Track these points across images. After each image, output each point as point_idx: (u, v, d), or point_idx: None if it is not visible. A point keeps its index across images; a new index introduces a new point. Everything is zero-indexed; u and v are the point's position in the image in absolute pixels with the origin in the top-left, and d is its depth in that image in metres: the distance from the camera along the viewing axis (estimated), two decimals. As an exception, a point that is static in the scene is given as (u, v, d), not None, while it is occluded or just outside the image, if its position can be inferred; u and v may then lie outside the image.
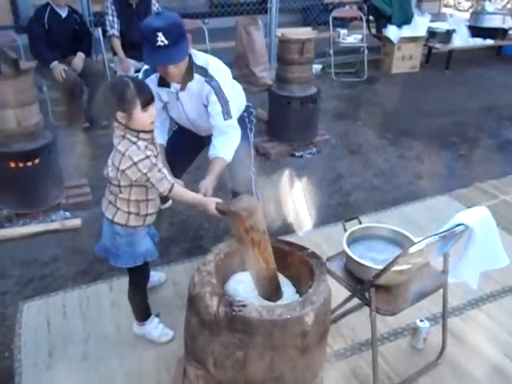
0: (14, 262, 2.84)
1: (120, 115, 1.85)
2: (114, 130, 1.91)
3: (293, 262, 2.07)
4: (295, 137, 4.21)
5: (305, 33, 4.03)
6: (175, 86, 2.35)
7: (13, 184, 3.08)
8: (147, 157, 1.87)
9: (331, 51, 6.24)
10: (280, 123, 4.22)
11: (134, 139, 1.88)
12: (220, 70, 2.35)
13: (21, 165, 3.02)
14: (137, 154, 1.85)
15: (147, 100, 1.87)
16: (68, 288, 2.65)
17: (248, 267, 1.91)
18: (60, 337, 2.32)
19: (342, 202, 3.54)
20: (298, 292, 1.99)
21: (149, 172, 1.88)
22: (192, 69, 2.29)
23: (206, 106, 2.38)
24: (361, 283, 1.91)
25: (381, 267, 1.81)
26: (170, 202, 3.36)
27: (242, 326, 1.70)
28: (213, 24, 6.88)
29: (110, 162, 1.93)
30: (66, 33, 4.44)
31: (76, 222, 3.16)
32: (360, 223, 2.16)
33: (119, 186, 1.95)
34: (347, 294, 2.01)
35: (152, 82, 2.34)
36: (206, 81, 2.30)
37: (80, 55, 4.45)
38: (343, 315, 2.37)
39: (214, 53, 5.53)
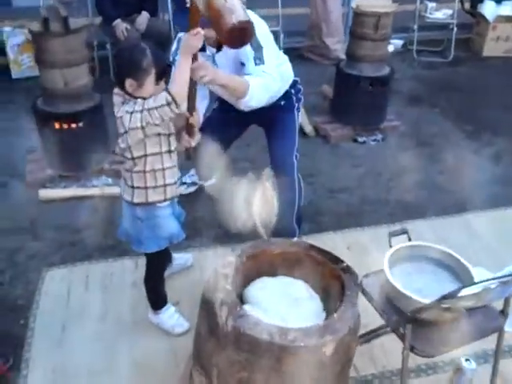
0: (49, 224, 2.81)
1: (129, 83, 1.71)
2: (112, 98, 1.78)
3: (324, 274, 1.83)
4: (360, 120, 3.85)
5: (383, 6, 3.60)
6: (211, 49, 2.17)
7: (57, 145, 3.02)
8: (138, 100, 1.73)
9: (415, 26, 5.68)
10: (345, 104, 3.87)
11: (131, 101, 1.74)
12: (256, 19, 2.11)
13: (65, 126, 2.95)
14: (132, 106, 1.72)
15: (162, 73, 1.73)
16: (94, 259, 2.57)
17: None
18: (77, 310, 2.26)
19: (400, 200, 3.20)
20: (325, 310, 1.76)
21: (144, 107, 1.69)
22: None
23: (243, 65, 2.15)
24: (398, 313, 1.64)
25: (423, 300, 1.53)
26: (214, 180, 3.18)
27: (250, 345, 1.50)
28: None
29: (119, 139, 1.80)
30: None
31: (116, 189, 3.05)
32: (409, 239, 1.86)
33: (133, 158, 1.81)
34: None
35: None
36: None
37: (144, 14, 4.29)
38: (378, 335, 2.11)
39: (287, 19, 5.26)
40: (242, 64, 2.13)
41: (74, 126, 2.96)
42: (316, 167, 3.52)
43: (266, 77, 2.10)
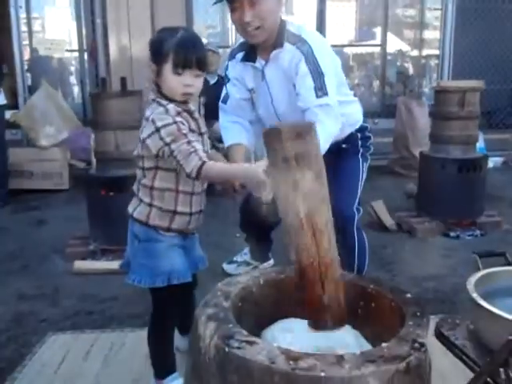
0: (73, 293, 2.46)
1: (152, 66, 1.47)
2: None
3: (378, 312, 1.23)
4: (450, 212, 3.26)
5: (468, 83, 3.27)
6: (261, 61, 1.91)
7: (102, 213, 2.82)
8: (175, 122, 1.40)
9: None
10: (431, 193, 3.35)
11: (165, 102, 1.45)
12: (316, 36, 1.88)
13: (111, 193, 2.76)
14: (162, 119, 1.41)
15: (183, 61, 1.43)
16: (109, 329, 2.12)
17: (288, 244, 1.06)
18: (63, 381, 1.75)
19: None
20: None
21: (173, 143, 1.39)
22: (282, 35, 1.83)
23: (298, 94, 1.85)
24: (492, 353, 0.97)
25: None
26: (272, 261, 2.70)
27: (238, 374, 0.93)
28: (382, 124, 6.50)
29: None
30: (210, 98, 4.43)
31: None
32: (509, 263, 1.24)
33: (143, 168, 1.50)
34: None
35: (237, 62, 1.98)
36: (297, 47, 1.80)
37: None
38: None
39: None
40: (296, 91, 1.84)
41: (120, 192, 2.74)
42: (397, 257, 2.92)
43: (325, 114, 1.77)
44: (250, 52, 1.91)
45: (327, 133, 1.75)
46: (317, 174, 0.98)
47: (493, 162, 5.43)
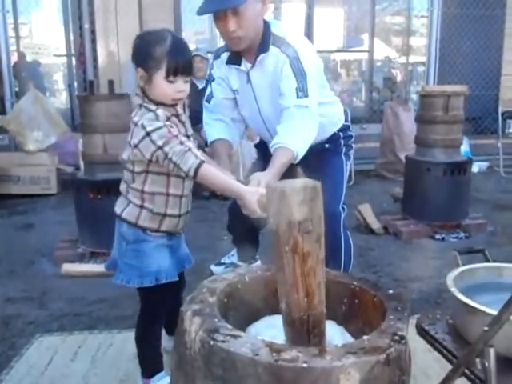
0: (61, 296, 2.46)
1: (140, 73, 1.47)
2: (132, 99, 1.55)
3: (361, 308, 1.26)
4: (436, 215, 3.31)
5: (452, 87, 3.33)
6: (246, 64, 1.94)
7: (91, 216, 2.82)
8: (165, 125, 1.41)
9: (499, 144, 5.30)
10: (417, 196, 3.40)
11: (153, 107, 1.46)
12: (301, 39, 1.91)
13: (99, 196, 2.76)
14: (152, 124, 1.41)
15: (176, 68, 1.44)
16: (97, 330, 2.12)
17: (279, 294, 1.09)
18: (50, 381, 1.75)
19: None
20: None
21: (166, 145, 1.39)
22: (268, 39, 1.86)
23: (281, 94, 1.89)
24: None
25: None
26: (259, 262, 2.72)
27: (223, 366, 0.95)
28: (369, 130, 6.58)
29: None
30: (199, 102, 4.45)
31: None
32: (487, 260, 1.27)
33: (133, 171, 1.50)
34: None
35: (222, 63, 2.00)
36: (281, 51, 1.84)
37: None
38: None
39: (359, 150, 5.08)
40: (279, 91, 1.88)
41: (108, 195, 2.75)
42: (383, 259, 2.96)
43: (303, 116, 1.81)
44: (235, 53, 1.93)
45: (306, 131, 1.81)
46: (318, 236, 0.99)
47: (478, 166, 5.56)
